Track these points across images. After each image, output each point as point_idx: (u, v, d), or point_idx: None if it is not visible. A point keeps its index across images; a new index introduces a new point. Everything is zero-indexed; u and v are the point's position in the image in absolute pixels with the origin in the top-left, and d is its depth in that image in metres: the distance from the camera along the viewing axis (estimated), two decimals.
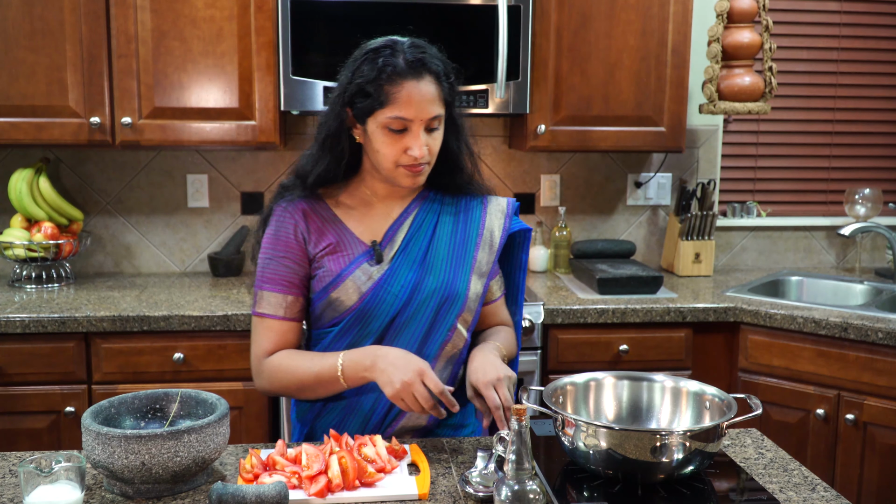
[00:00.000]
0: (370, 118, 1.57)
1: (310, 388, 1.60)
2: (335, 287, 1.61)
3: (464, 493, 1.35)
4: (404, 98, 1.53)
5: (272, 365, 1.62)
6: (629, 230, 3.36)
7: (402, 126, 1.55)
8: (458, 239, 1.69)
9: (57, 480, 1.23)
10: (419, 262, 1.64)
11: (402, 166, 1.58)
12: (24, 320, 2.42)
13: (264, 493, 1.26)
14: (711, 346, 2.75)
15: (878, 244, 3.48)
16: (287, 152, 3.11)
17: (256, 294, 1.65)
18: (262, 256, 1.65)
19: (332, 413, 1.67)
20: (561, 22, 2.81)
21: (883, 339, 2.42)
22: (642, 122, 2.90)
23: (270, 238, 1.65)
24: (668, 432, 1.30)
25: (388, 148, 1.57)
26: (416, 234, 1.67)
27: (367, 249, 1.64)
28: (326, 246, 1.63)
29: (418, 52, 1.57)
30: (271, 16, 2.66)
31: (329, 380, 1.56)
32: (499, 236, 1.72)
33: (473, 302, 1.67)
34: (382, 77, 1.54)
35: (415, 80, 1.54)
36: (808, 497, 1.35)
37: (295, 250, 1.63)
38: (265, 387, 1.65)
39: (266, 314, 1.63)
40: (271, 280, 1.63)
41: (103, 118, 2.66)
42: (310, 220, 1.65)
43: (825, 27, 3.37)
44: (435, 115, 1.57)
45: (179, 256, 3.14)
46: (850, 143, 3.47)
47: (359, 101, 1.57)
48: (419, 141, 1.56)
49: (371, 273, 1.61)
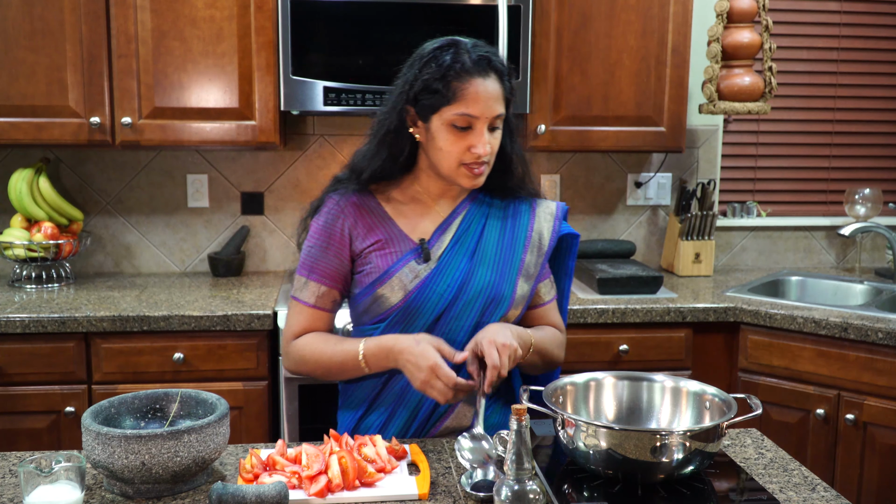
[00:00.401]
0: (435, 115, 1.58)
1: (335, 374, 1.66)
2: (381, 283, 1.62)
3: (464, 493, 1.35)
4: (472, 95, 1.55)
5: (297, 347, 1.68)
6: (629, 230, 3.36)
7: (468, 123, 1.56)
8: (506, 241, 1.70)
9: (57, 480, 1.23)
10: (466, 263, 1.65)
11: (464, 165, 1.59)
12: (24, 320, 2.42)
13: (264, 493, 1.26)
14: (711, 346, 2.75)
15: (878, 244, 3.48)
16: (287, 152, 3.11)
17: (295, 278, 1.70)
18: (307, 244, 1.69)
19: (383, 404, 1.67)
20: (561, 22, 2.81)
21: (883, 339, 2.42)
22: (642, 122, 2.90)
23: (319, 228, 1.68)
24: (668, 432, 1.30)
25: (452, 146, 1.58)
26: (464, 235, 1.68)
27: (415, 247, 1.65)
28: (375, 242, 1.65)
29: (483, 50, 1.59)
30: (271, 16, 2.66)
31: (352, 367, 1.61)
32: (548, 238, 1.73)
33: (519, 304, 1.68)
34: (450, 74, 1.55)
35: (481, 78, 1.56)
36: (808, 497, 1.35)
37: (338, 244, 1.66)
38: (291, 368, 1.71)
39: (299, 299, 1.69)
40: (310, 268, 1.67)
41: (103, 118, 2.66)
42: (359, 216, 1.67)
43: (825, 27, 3.37)
44: (499, 113, 1.58)
45: (179, 256, 3.14)
46: (850, 143, 3.47)
47: (424, 98, 1.57)
48: (483, 139, 1.57)
49: (418, 271, 1.62)
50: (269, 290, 2.80)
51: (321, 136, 3.12)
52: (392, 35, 2.66)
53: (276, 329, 2.51)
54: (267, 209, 3.14)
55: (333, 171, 3.14)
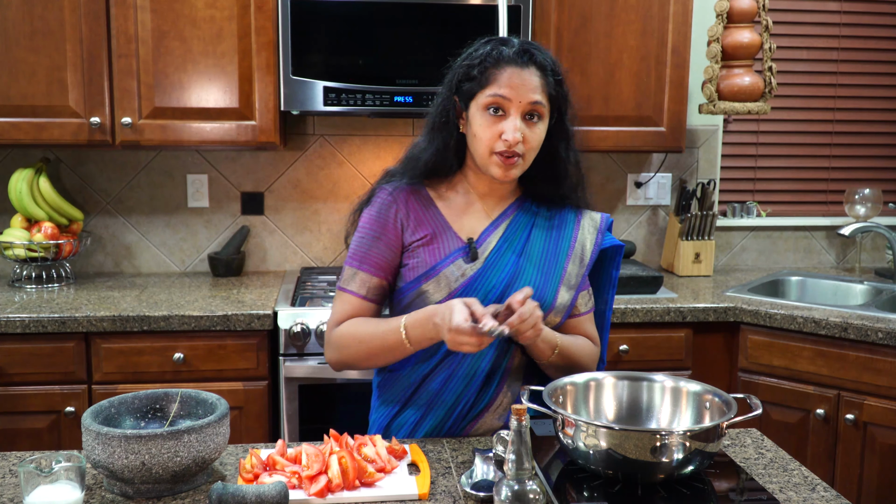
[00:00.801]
0: (473, 101, 1.60)
1: (377, 355, 1.62)
2: (428, 278, 1.62)
3: (464, 493, 1.35)
4: (505, 79, 1.56)
5: (339, 333, 1.65)
6: (629, 230, 3.36)
7: (499, 105, 1.57)
8: (550, 249, 1.70)
9: (57, 480, 1.23)
10: (511, 266, 1.65)
11: (495, 153, 1.59)
12: (25, 320, 2.42)
13: (264, 493, 1.26)
14: (711, 346, 2.75)
15: (878, 244, 3.48)
16: (287, 152, 3.11)
17: (345, 269, 1.68)
18: (358, 235, 1.68)
19: (417, 403, 1.67)
20: (561, 22, 2.81)
21: (883, 339, 2.42)
22: (642, 123, 2.90)
23: (371, 218, 1.67)
24: (668, 432, 1.30)
25: (485, 130, 1.58)
26: (510, 239, 1.67)
27: (463, 245, 1.65)
28: (423, 236, 1.65)
29: (528, 44, 1.61)
30: (271, 16, 2.66)
31: (394, 343, 1.57)
32: (590, 251, 1.73)
33: (559, 312, 1.68)
34: (488, 60, 1.58)
35: (518, 67, 1.57)
36: (807, 497, 1.35)
37: (390, 235, 1.65)
38: (334, 357, 1.67)
39: (348, 290, 1.66)
40: (361, 259, 1.66)
41: (103, 118, 2.66)
42: (411, 207, 1.66)
43: (825, 27, 3.37)
44: (534, 100, 1.57)
45: (179, 256, 3.14)
46: (850, 143, 3.47)
47: (464, 84, 1.60)
48: (514, 124, 1.57)
49: (464, 270, 1.62)
50: (269, 290, 2.80)
51: (321, 136, 3.12)
52: (391, 35, 2.66)
53: (276, 329, 2.51)
54: (267, 209, 3.15)
55: (333, 170, 3.14)
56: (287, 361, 2.51)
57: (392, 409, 1.72)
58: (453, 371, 1.64)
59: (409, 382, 1.68)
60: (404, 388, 1.69)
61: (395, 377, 1.70)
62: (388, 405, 1.73)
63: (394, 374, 1.71)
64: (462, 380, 1.63)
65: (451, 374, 1.64)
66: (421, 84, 2.67)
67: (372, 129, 3.14)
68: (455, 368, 1.64)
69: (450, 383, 1.64)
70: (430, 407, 1.66)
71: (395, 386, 1.71)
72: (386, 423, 1.72)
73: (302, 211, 3.16)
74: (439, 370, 1.64)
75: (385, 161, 3.15)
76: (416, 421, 1.68)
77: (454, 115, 1.64)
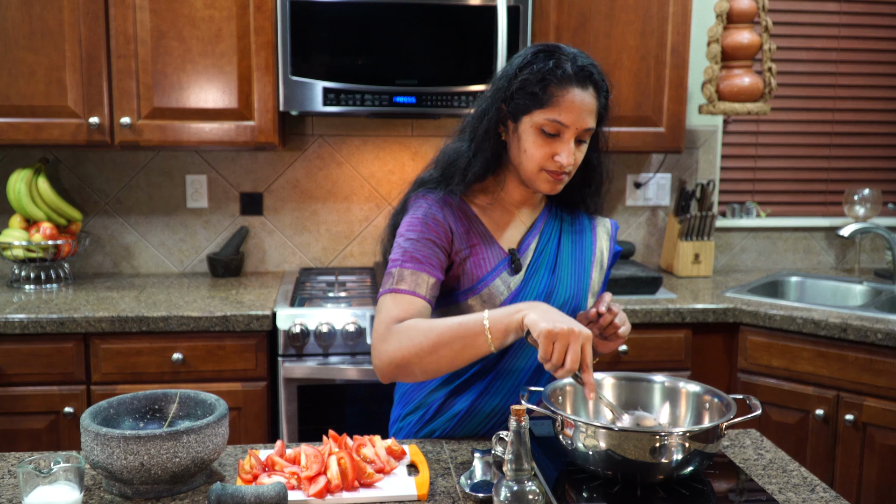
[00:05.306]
0: (526, 116, 1.55)
1: (446, 345, 1.46)
2: (475, 293, 1.60)
3: (463, 494, 1.35)
4: (567, 103, 1.53)
5: (404, 326, 1.50)
6: (628, 231, 3.36)
7: (556, 130, 1.54)
8: (577, 257, 1.70)
9: (56, 481, 1.23)
10: (549, 274, 1.65)
11: (545, 171, 1.57)
12: (23, 321, 2.42)
13: (263, 493, 1.26)
14: (711, 347, 2.75)
15: (877, 245, 3.48)
16: (286, 153, 3.11)
17: (395, 273, 1.56)
18: (406, 237, 1.59)
19: (458, 404, 1.64)
20: (560, 22, 2.81)
21: (882, 340, 2.42)
22: (642, 123, 2.90)
23: (417, 221, 1.60)
24: (667, 433, 1.30)
25: (537, 150, 1.56)
26: (546, 246, 1.67)
27: (506, 257, 1.63)
28: (470, 245, 1.62)
29: (586, 61, 1.56)
30: (270, 16, 2.66)
31: (472, 332, 1.45)
32: (607, 257, 1.75)
33: None
34: (550, 78, 1.53)
35: (580, 88, 1.53)
36: (807, 498, 1.35)
37: (442, 235, 1.59)
38: (390, 350, 1.49)
39: (404, 290, 1.54)
40: (416, 259, 1.56)
41: (102, 118, 2.65)
42: (457, 217, 1.63)
43: (825, 27, 3.37)
44: (589, 126, 1.56)
45: (178, 257, 3.14)
46: (850, 144, 3.47)
47: (519, 97, 1.55)
48: (569, 149, 1.55)
49: (510, 283, 1.61)
50: (268, 291, 2.80)
51: (320, 136, 3.12)
52: (391, 35, 2.66)
53: (276, 329, 2.51)
54: (266, 210, 3.14)
55: (333, 171, 3.14)
56: (286, 362, 2.51)
57: (420, 414, 1.69)
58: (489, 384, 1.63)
59: (437, 396, 1.66)
60: (444, 390, 1.66)
61: (428, 391, 1.67)
62: (423, 407, 1.69)
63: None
64: (500, 390, 1.64)
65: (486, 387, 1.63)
66: (420, 84, 2.67)
67: (371, 129, 3.14)
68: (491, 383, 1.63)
69: (487, 392, 1.63)
70: (470, 413, 1.64)
71: (423, 398, 1.68)
72: (413, 431, 1.69)
73: (301, 211, 3.16)
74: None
75: (384, 161, 3.14)
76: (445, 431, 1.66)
77: (496, 123, 1.60)
